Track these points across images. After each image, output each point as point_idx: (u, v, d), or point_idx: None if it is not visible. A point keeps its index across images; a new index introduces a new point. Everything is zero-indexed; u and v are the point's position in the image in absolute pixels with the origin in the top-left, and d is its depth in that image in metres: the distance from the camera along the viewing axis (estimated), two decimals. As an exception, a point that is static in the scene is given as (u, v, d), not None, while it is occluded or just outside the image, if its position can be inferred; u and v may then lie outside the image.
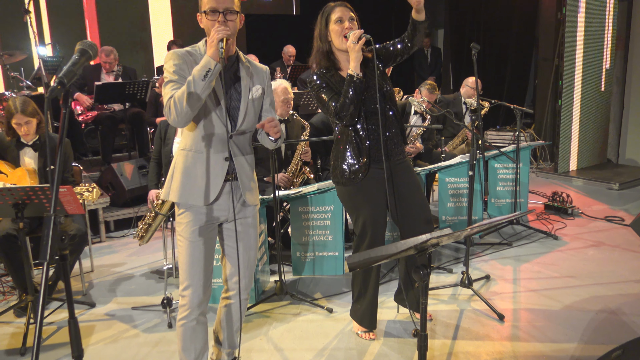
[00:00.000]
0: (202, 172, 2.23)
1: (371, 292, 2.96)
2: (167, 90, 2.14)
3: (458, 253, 4.24)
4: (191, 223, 2.26)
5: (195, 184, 2.23)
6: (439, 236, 1.75)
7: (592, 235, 4.60)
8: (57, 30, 6.68)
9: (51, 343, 3.08)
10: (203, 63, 2.07)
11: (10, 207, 3.00)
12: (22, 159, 3.68)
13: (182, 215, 2.28)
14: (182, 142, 2.29)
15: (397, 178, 2.85)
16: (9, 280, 3.89)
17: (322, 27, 2.73)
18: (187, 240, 2.27)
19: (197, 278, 2.28)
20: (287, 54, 7.36)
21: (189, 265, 2.27)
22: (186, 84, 2.06)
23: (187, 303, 2.29)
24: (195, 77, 2.05)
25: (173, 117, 2.10)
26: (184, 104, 2.05)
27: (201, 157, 2.23)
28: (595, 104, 6.89)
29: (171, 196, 2.27)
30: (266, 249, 3.83)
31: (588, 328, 3.07)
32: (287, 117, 4.17)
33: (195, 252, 2.27)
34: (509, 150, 4.75)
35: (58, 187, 1.48)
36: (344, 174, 2.79)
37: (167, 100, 2.11)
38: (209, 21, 2.15)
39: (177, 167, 2.27)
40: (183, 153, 2.26)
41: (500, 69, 8.69)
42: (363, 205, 2.80)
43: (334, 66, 2.77)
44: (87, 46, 1.72)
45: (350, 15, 2.68)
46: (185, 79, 2.12)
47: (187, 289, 2.28)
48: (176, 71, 2.15)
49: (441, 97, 5.49)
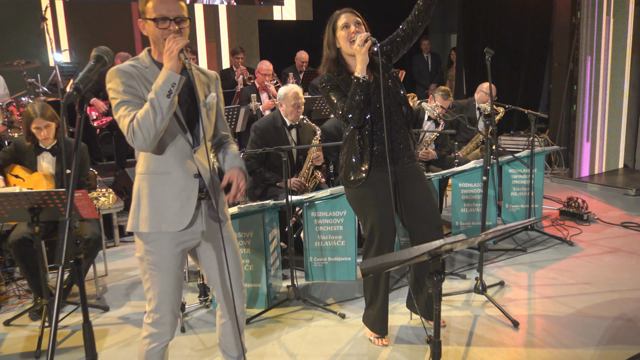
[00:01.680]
0: (172, 195, 2.04)
1: (381, 297, 2.95)
2: (122, 113, 1.92)
3: (471, 259, 4.21)
4: (164, 251, 2.07)
5: (167, 209, 2.04)
6: (453, 242, 1.74)
7: (609, 242, 4.54)
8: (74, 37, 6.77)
9: (66, 346, 3.11)
10: (165, 77, 1.89)
11: (26, 211, 3.04)
12: (39, 164, 3.73)
13: (152, 243, 2.06)
14: (142, 165, 2.07)
15: (406, 182, 2.85)
16: (24, 284, 3.94)
17: (330, 34, 2.77)
18: (160, 270, 2.07)
19: (174, 307, 2.14)
20: (299, 60, 7.39)
21: (164, 295, 2.10)
22: (149, 104, 1.88)
23: (162, 332, 2.14)
24: (159, 94, 1.87)
25: (140, 142, 1.90)
26: (151, 126, 1.88)
27: (168, 179, 2.04)
28: (610, 108, 6.81)
29: (141, 227, 2.04)
30: (279, 254, 3.83)
31: (605, 336, 3.02)
32: (298, 122, 4.18)
33: (172, 281, 2.10)
34: (523, 156, 4.71)
35: (74, 192, 1.49)
36: (349, 177, 2.83)
37: (127, 125, 1.90)
38: (159, 30, 1.98)
39: (143, 194, 2.05)
40: (146, 177, 2.05)
41: (514, 74, 8.63)
42: (370, 208, 2.81)
43: (345, 70, 2.80)
44: (103, 52, 1.74)
45: (356, 20, 2.71)
46: (139, 97, 1.96)
47: (163, 319, 2.12)
48: (126, 90, 1.94)
49: (455, 102, 5.46)
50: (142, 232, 2.06)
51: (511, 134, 7.39)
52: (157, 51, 2.06)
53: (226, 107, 5.08)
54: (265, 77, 6.01)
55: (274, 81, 6.13)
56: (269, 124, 4.17)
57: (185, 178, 2.06)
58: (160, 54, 2.05)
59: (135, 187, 2.09)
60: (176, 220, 2.06)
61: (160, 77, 1.90)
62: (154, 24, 1.98)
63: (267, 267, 3.49)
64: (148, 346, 2.16)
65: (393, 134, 2.79)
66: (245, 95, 5.97)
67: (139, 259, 2.12)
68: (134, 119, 1.90)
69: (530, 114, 4.71)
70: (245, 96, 5.96)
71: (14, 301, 3.73)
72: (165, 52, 1.92)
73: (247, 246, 3.46)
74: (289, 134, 4.18)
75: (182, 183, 2.06)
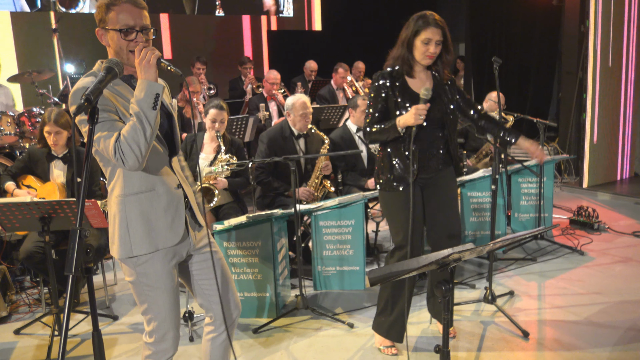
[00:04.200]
0: (162, 210, 1.98)
1: (401, 305, 2.91)
2: (103, 133, 1.80)
3: (481, 268, 4.19)
4: (159, 270, 2.00)
5: (160, 225, 1.98)
6: (461, 251, 1.74)
7: (620, 251, 4.50)
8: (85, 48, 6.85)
9: (75, 355, 3.12)
10: (146, 89, 1.80)
11: (37, 221, 3.07)
12: (52, 171, 3.78)
13: (144, 265, 1.99)
14: (121, 187, 1.94)
15: (433, 189, 2.90)
16: (34, 293, 3.97)
17: (410, 34, 2.76)
18: (157, 289, 2.02)
19: (175, 322, 2.10)
20: (308, 69, 7.43)
21: (166, 313, 2.05)
22: (134, 119, 1.80)
23: (166, 348, 2.10)
24: (144, 107, 1.80)
25: (132, 161, 1.81)
26: (143, 141, 1.80)
27: (154, 195, 1.97)
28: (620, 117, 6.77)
29: (135, 251, 1.95)
30: (287, 263, 3.83)
31: (616, 346, 2.99)
32: (306, 132, 4.20)
33: (171, 298, 2.06)
34: (532, 164, 4.69)
35: (84, 201, 1.51)
36: (389, 180, 2.85)
37: (112, 145, 1.79)
38: (124, 41, 1.89)
39: (131, 216, 1.95)
40: (132, 199, 1.95)
41: (523, 83, 8.61)
42: (401, 213, 2.83)
43: (405, 71, 2.82)
44: (113, 64, 1.76)
45: (438, 40, 2.71)
46: (112, 113, 1.85)
47: (166, 336, 2.08)
48: (103, 110, 1.81)
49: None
50: (131, 257, 1.97)
51: (520, 142, 7.36)
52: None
53: (235, 117, 5.11)
54: (273, 87, 6.04)
55: (282, 90, 6.16)
56: (276, 134, 4.19)
57: (170, 191, 2.01)
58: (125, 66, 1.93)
59: (117, 211, 1.96)
60: (171, 235, 2.01)
61: (140, 89, 1.82)
62: (118, 35, 1.89)
63: (276, 276, 3.49)
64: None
65: (429, 148, 2.84)
66: (254, 104, 6.00)
67: (133, 284, 2.03)
68: (120, 138, 1.80)
69: (539, 123, 4.69)
70: (254, 105, 5.99)
71: (24, 310, 3.75)
72: (140, 62, 1.83)
73: (256, 255, 3.46)
74: (297, 144, 4.20)
75: (168, 197, 2.00)
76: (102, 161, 1.99)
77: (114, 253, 2.01)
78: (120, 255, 1.99)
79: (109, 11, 1.90)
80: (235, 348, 3.10)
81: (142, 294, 2.04)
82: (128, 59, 1.91)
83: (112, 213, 1.99)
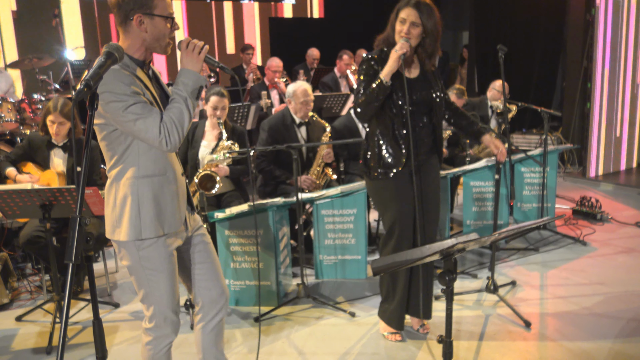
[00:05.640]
0: (170, 195, 2.02)
1: (400, 292, 2.93)
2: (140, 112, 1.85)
3: (483, 258, 4.18)
4: (162, 254, 2.03)
5: (168, 210, 2.02)
6: (465, 241, 1.72)
7: (623, 241, 4.48)
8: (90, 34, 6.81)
9: (76, 342, 3.12)
10: (194, 79, 1.92)
11: (37, 208, 3.05)
12: (52, 160, 3.76)
13: (148, 249, 2.00)
14: (137, 169, 1.96)
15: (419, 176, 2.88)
16: (36, 280, 3.97)
17: (393, 16, 2.78)
18: (160, 272, 2.03)
19: (175, 307, 2.12)
20: (310, 57, 7.37)
21: (166, 296, 2.07)
22: (182, 104, 1.91)
23: (167, 333, 2.12)
24: (191, 95, 1.92)
25: (175, 142, 1.90)
26: (185, 124, 1.91)
27: (166, 180, 2.01)
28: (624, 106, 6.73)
29: (144, 233, 1.97)
30: (288, 251, 3.83)
31: (618, 337, 2.98)
32: (307, 120, 4.17)
33: (172, 282, 2.08)
34: (535, 154, 4.66)
35: (84, 189, 1.49)
36: (377, 168, 2.84)
37: (157, 125, 1.86)
38: (167, 28, 1.96)
39: (144, 199, 1.96)
40: (147, 181, 1.97)
41: (527, 71, 8.54)
42: (392, 201, 2.83)
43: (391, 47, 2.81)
44: (114, 49, 1.73)
45: (413, 21, 2.68)
46: (143, 96, 1.89)
47: (167, 320, 2.10)
48: (133, 92, 1.86)
49: (467, 99, 5.42)
50: (134, 240, 1.97)
51: (524, 132, 7.32)
52: (144, 49, 1.97)
53: (237, 105, 5.07)
54: (275, 74, 6.00)
55: (284, 79, 6.11)
56: (278, 122, 4.16)
57: (178, 177, 2.07)
58: (146, 51, 1.97)
59: (129, 193, 1.96)
60: (175, 220, 2.04)
61: (188, 77, 1.92)
62: (164, 21, 1.94)
63: (277, 265, 3.48)
64: (154, 350, 2.13)
65: (418, 127, 2.83)
66: (255, 93, 5.96)
67: (133, 268, 2.03)
68: (165, 118, 1.88)
69: (543, 112, 4.65)
70: (255, 94, 5.95)
71: (26, 297, 3.75)
72: (191, 52, 1.94)
73: (257, 244, 3.45)
74: (299, 132, 4.17)
75: (177, 183, 2.06)
76: (112, 144, 1.97)
77: (119, 236, 1.98)
78: (128, 237, 1.97)
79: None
80: (237, 336, 3.10)
81: (143, 278, 2.03)
82: (165, 46, 1.98)
83: (120, 195, 1.97)
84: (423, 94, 2.82)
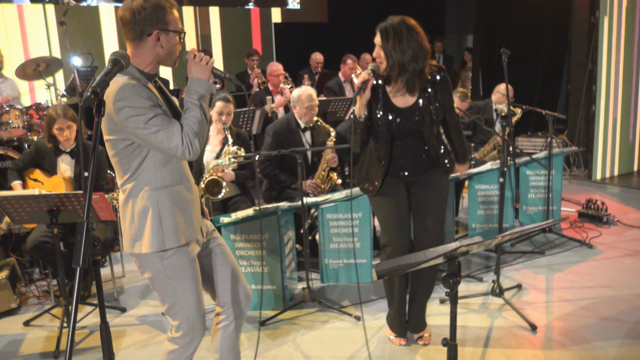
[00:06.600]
0: (187, 203, 2.05)
1: (397, 298, 2.96)
2: (160, 124, 1.87)
3: (488, 261, 4.17)
4: (185, 261, 2.04)
5: (187, 218, 2.04)
6: (469, 244, 1.73)
7: (629, 244, 4.46)
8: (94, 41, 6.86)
9: (84, 347, 3.14)
10: (205, 88, 1.98)
11: (45, 213, 3.08)
12: (59, 166, 3.79)
13: (171, 258, 2.01)
14: (155, 180, 1.98)
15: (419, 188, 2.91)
16: (43, 285, 3.99)
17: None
18: (185, 280, 2.04)
19: (202, 313, 2.14)
20: (315, 61, 7.39)
21: (194, 303, 2.08)
22: (199, 113, 1.94)
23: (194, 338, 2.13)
24: (205, 104, 1.97)
25: (197, 151, 1.93)
26: (204, 133, 1.96)
27: (183, 189, 2.05)
28: (631, 109, 6.71)
29: (168, 244, 1.98)
30: (294, 256, 3.84)
31: (625, 340, 2.97)
32: (312, 124, 4.19)
33: (197, 287, 2.09)
34: (541, 157, 4.65)
35: (91, 194, 1.51)
36: (364, 184, 2.95)
37: (179, 135, 1.89)
38: (179, 43, 2.01)
39: (164, 210, 1.98)
40: (165, 192, 1.99)
41: (531, 74, 8.53)
42: (386, 217, 2.88)
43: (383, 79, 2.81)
44: (120, 56, 1.76)
45: (378, 43, 2.67)
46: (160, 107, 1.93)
47: (195, 327, 2.11)
48: (153, 105, 1.89)
49: (472, 103, 5.43)
50: (156, 252, 1.98)
51: (529, 135, 7.30)
52: (155, 63, 2.00)
53: (242, 110, 5.10)
54: (279, 78, 6.02)
55: (289, 85, 6.13)
56: (283, 127, 4.18)
57: (192, 185, 2.11)
58: (156, 65, 2.02)
59: (149, 205, 1.97)
60: (194, 228, 2.08)
61: (199, 85, 1.97)
62: (177, 36, 1.99)
63: (283, 269, 3.49)
64: (181, 357, 2.13)
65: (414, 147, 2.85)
66: (259, 98, 5.99)
67: (157, 280, 2.04)
68: (185, 128, 1.91)
69: (548, 115, 4.65)
70: (259, 99, 5.97)
71: (33, 302, 3.78)
72: (199, 63, 1.98)
73: (263, 248, 3.46)
74: (303, 136, 4.19)
75: (192, 191, 2.10)
76: (127, 158, 1.96)
77: (140, 249, 1.99)
78: (151, 249, 1.98)
79: (169, 13, 1.96)
80: (242, 340, 3.11)
81: (169, 288, 2.04)
82: (175, 60, 2.04)
83: (138, 209, 1.97)
84: (407, 126, 2.78)
